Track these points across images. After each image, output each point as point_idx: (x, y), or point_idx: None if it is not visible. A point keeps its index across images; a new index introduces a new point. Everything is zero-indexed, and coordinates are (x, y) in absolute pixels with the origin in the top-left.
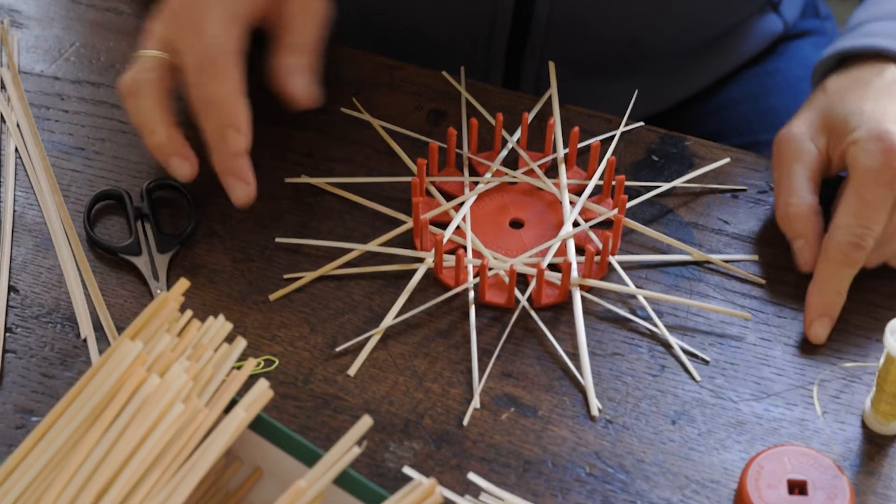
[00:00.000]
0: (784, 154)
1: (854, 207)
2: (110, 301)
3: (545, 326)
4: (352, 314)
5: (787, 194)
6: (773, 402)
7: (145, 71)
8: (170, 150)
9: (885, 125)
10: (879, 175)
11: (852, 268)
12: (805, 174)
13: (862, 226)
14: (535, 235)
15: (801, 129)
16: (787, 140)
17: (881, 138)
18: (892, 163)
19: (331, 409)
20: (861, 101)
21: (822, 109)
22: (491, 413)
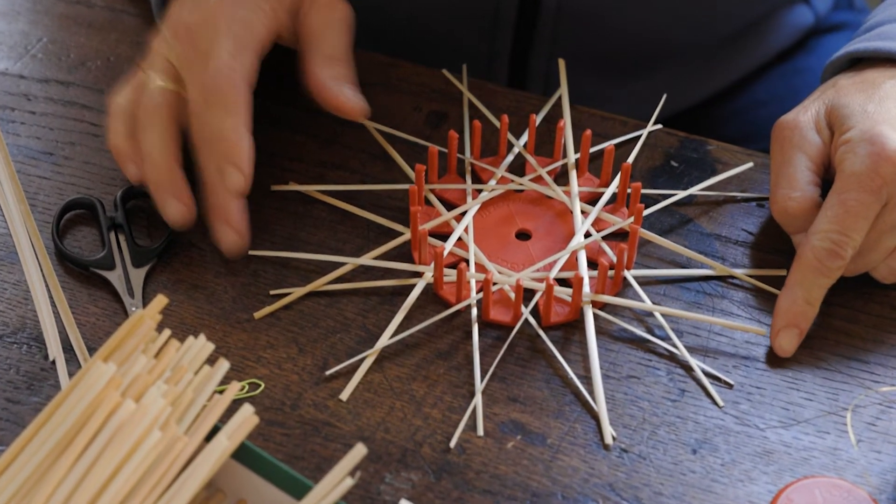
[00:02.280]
0: (786, 142)
1: (835, 213)
2: (81, 319)
3: (554, 347)
4: (344, 334)
5: (787, 186)
6: (803, 429)
7: (153, 99)
8: (168, 190)
9: (880, 128)
10: (865, 180)
11: (827, 277)
12: (807, 165)
13: (841, 233)
14: (544, 248)
15: (805, 119)
16: (791, 128)
17: (872, 141)
18: (880, 169)
19: (321, 437)
20: (866, 101)
21: (828, 102)
22: (496, 441)
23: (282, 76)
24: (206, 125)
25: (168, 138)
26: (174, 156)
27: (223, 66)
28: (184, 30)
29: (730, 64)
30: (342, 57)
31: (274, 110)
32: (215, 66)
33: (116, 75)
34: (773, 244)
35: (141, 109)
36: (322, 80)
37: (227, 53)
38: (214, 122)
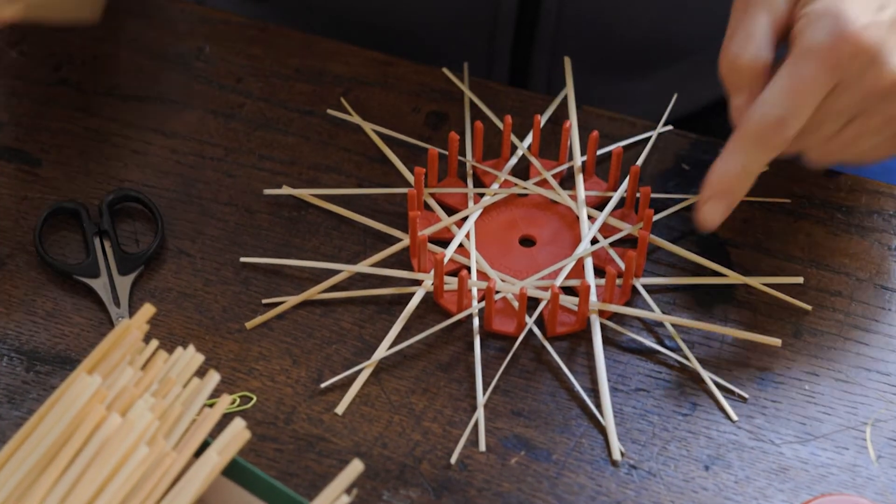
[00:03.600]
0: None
1: (786, 83)
2: (65, 330)
3: (560, 358)
4: (340, 344)
5: (743, 41)
6: (821, 444)
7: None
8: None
9: (846, 4)
10: (823, 55)
11: (767, 150)
12: (769, 25)
13: (789, 105)
14: (549, 254)
15: None
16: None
17: (836, 16)
18: (839, 46)
19: (316, 453)
20: None
21: None
22: (498, 457)
23: (272, 76)
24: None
25: None
26: None
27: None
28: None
29: None
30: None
31: (265, 111)
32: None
33: (101, 75)
34: (789, 251)
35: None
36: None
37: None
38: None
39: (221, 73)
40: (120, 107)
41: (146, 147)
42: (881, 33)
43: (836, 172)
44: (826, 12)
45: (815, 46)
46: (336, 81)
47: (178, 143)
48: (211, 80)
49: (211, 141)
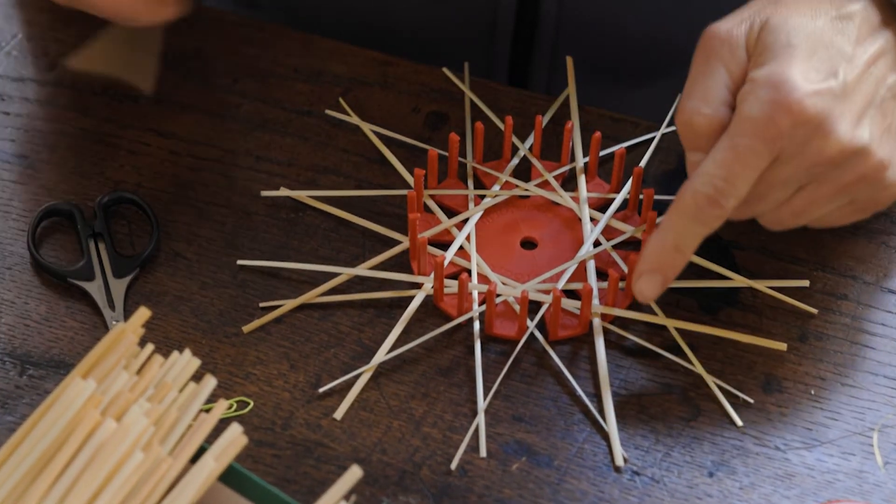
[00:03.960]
0: (711, 54)
1: (723, 157)
2: (58, 334)
3: (562, 362)
4: (338, 349)
5: (700, 99)
6: (827, 450)
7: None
8: None
9: (791, 71)
10: (760, 128)
11: (703, 226)
12: (727, 84)
13: (726, 180)
14: (551, 257)
15: (738, 33)
16: (720, 40)
17: (777, 87)
18: (778, 118)
19: (314, 459)
20: (809, 18)
21: (763, 18)
22: (499, 463)
23: (269, 76)
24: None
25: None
26: None
27: None
28: None
29: None
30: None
31: (263, 111)
32: None
33: (96, 75)
34: (794, 253)
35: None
36: None
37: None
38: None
39: (218, 72)
40: (115, 107)
41: (141, 148)
42: (826, 102)
43: None
44: (767, 80)
45: (752, 117)
46: (335, 81)
47: (174, 143)
48: (207, 79)
49: (207, 142)
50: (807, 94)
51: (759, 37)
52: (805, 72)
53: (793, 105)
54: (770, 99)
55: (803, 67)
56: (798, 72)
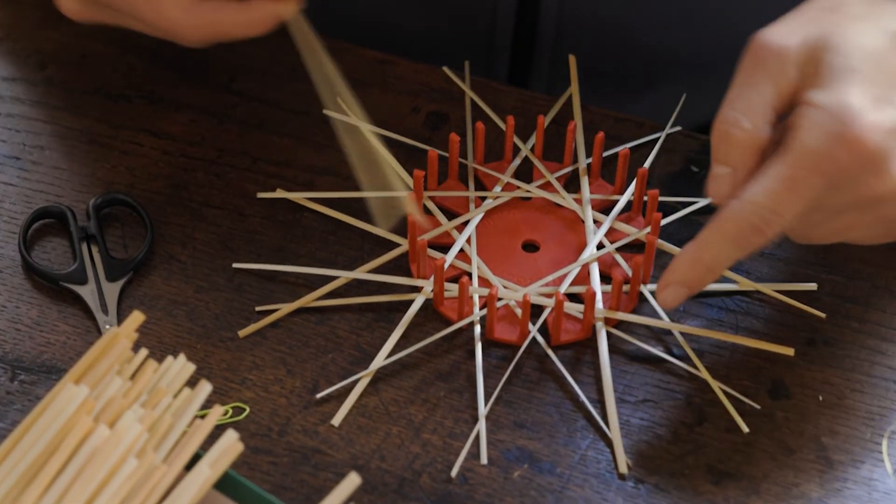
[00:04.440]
0: (759, 66)
1: (775, 188)
2: (50, 338)
3: (564, 368)
4: (336, 353)
5: (743, 111)
6: (836, 458)
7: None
8: None
9: (855, 99)
10: (819, 161)
11: (741, 251)
12: (773, 100)
13: (774, 212)
14: (553, 260)
15: (790, 45)
16: (769, 51)
17: (840, 117)
18: (838, 153)
19: (311, 466)
20: (869, 34)
21: (821, 34)
22: (501, 470)
23: (266, 75)
24: None
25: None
26: None
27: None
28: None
29: None
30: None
31: (259, 111)
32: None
33: (89, 74)
34: (803, 256)
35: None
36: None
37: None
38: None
39: (214, 71)
40: (108, 106)
41: (135, 148)
42: (886, 136)
43: None
44: (829, 108)
45: (812, 150)
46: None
47: (169, 144)
48: (203, 78)
49: (203, 142)
50: (869, 127)
51: (815, 55)
52: (866, 101)
53: (855, 140)
54: (831, 131)
55: (865, 96)
56: (860, 101)
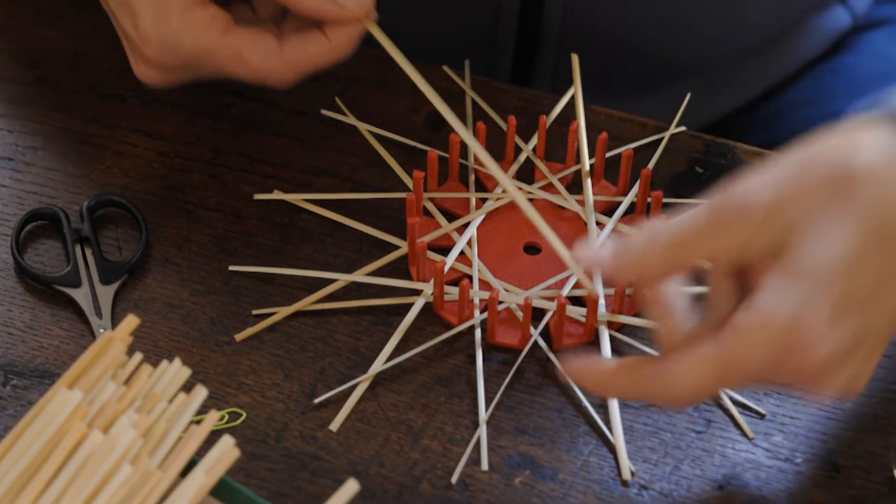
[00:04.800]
0: (725, 219)
1: (704, 372)
2: (43, 342)
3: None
4: (334, 358)
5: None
6: (843, 465)
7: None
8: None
9: (812, 312)
10: (761, 364)
11: (638, 398)
12: (727, 256)
13: (691, 392)
14: (555, 262)
15: (763, 209)
16: (738, 210)
17: (793, 331)
18: (784, 363)
19: (309, 472)
20: (848, 226)
21: (809, 206)
22: (502, 476)
23: None
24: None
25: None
26: None
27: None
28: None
29: (755, 75)
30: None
31: (255, 111)
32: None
33: (82, 73)
34: None
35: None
36: (315, 9)
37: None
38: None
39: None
40: (101, 106)
41: (129, 149)
42: (834, 355)
43: None
44: (784, 316)
45: (756, 355)
46: (330, 80)
47: (164, 144)
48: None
49: (198, 143)
50: (822, 348)
51: (786, 239)
52: (822, 316)
53: (805, 357)
54: (783, 344)
55: (829, 308)
56: (822, 318)
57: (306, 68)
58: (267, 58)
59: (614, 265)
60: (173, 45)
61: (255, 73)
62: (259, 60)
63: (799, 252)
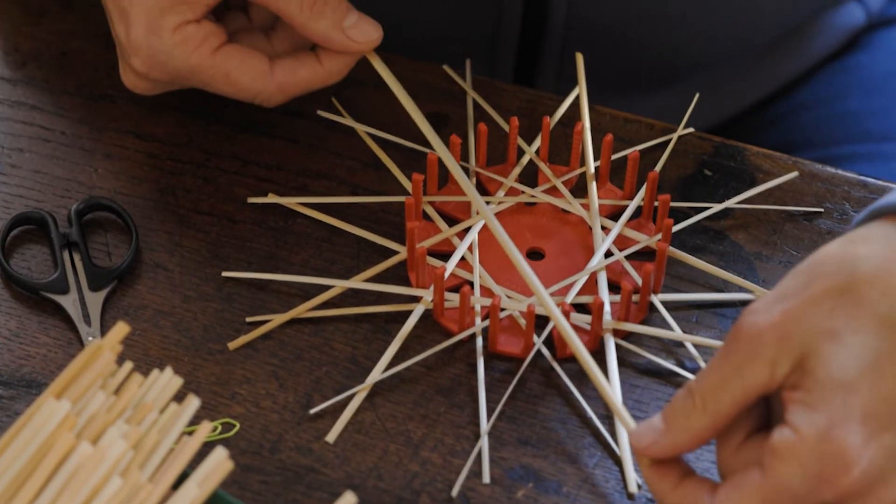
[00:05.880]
0: (740, 352)
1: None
2: (30, 351)
3: (571, 382)
4: (331, 367)
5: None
6: None
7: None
8: None
9: (846, 433)
10: (797, 496)
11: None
12: (749, 392)
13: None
14: (559, 268)
15: (772, 335)
16: (751, 340)
17: (823, 457)
18: (822, 492)
19: (304, 485)
20: (873, 334)
21: (822, 323)
22: (504, 489)
23: None
24: None
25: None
26: None
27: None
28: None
29: (766, 74)
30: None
31: (249, 112)
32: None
33: (70, 72)
34: None
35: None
36: (323, 36)
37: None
38: None
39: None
40: (90, 107)
41: (119, 151)
42: (868, 471)
43: (871, 178)
44: (817, 443)
45: (792, 489)
46: None
47: (155, 146)
48: None
49: (190, 144)
50: (860, 461)
51: (804, 364)
52: (857, 436)
53: (845, 472)
54: (816, 475)
55: (854, 426)
56: (855, 432)
57: (295, 91)
58: (256, 79)
59: (668, 443)
60: (162, 61)
61: (243, 93)
62: (248, 81)
63: (820, 368)
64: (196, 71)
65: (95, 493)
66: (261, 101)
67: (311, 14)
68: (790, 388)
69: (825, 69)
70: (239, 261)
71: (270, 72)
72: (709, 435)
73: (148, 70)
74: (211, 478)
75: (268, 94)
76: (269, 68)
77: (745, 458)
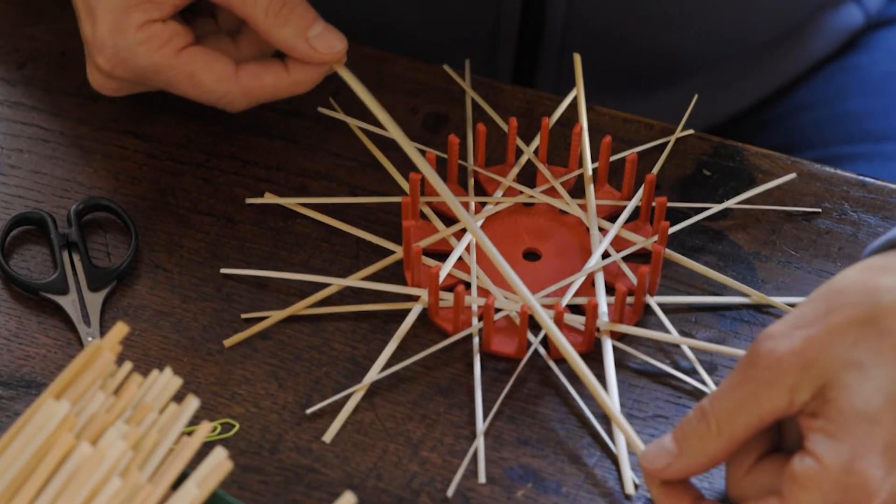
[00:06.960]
0: (756, 378)
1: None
2: (30, 351)
3: (568, 382)
4: (330, 366)
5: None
6: None
7: None
8: None
9: (868, 464)
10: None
11: None
12: (764, 417)
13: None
14: (555, 269)
15: (792, 362)
16: (769, 368)
17: (854, 489)
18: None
19: (304, 485)
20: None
21: (842, 354)
22: (503, 489)
23: None
24: None
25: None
26: None
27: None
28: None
29: (765, 74)
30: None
31: (248, 112)
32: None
33: (70, 73)
34: (821, 266)
35: None
36: (286, 44)
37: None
38: None
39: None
40: (89, 107)
41: (118, 151)
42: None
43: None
44: (840, 476)
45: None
46: (326, 79)
47: (154, 146)
48: None
49: (189, 145)
50: (881, 491)
51: (824, 393)
52: (879, 454)
53: (866, 501)
54: (843, 490)
55: (881, 453)
56: (877, 464)
57: (260, 96)
58: (220, 81)
59: (682, 466)
60: (126, 58)
61: (206, 95)
62: (212, 82)
63: (843, 398)
64: (160, 70)
65: (95, 493)
66: (224, 105)
67: (275, 20)
68: (809, 416)
69: (824, 70)
70: (238, 261)
71: (235, 75)
72: (723, 458)
73: (112, 68)
74: (210, 478)
75: (232, 97)
76: (234, 71)
77: (758, 481)
